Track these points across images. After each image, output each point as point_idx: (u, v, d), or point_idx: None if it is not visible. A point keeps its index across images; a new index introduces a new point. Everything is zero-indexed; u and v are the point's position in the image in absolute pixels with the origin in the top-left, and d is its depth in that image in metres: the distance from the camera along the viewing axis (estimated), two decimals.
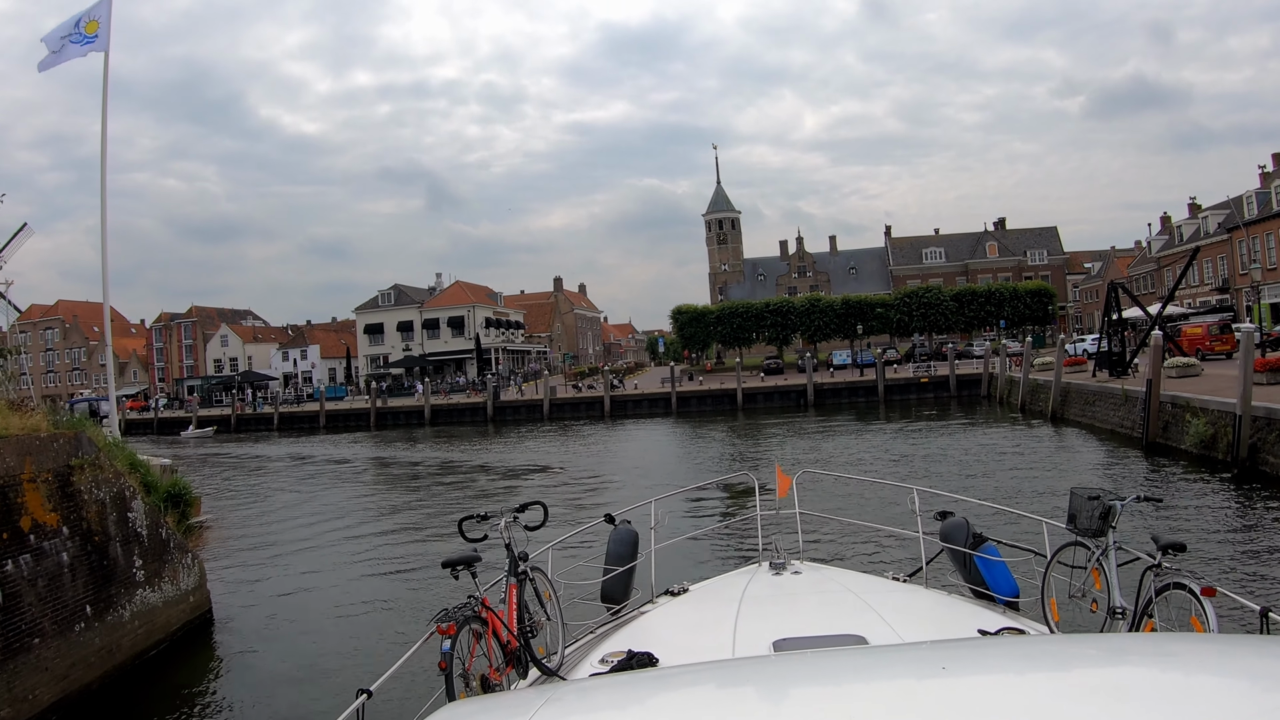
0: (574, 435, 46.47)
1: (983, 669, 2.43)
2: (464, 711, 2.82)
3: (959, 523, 6.31)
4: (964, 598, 5.95)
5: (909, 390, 54.71)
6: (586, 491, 26.00)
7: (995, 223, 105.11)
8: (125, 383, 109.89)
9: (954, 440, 31.56)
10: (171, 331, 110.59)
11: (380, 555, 18.47)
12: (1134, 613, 4.83)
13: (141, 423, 77.65)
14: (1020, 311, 77.58)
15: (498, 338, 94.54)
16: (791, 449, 32.75)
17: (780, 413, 51.23)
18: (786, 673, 2.59)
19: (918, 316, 77.86)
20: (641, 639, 4.86)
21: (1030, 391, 39.74)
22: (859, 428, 39.64)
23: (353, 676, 9.71)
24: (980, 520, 7.02)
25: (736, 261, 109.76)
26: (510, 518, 5.24)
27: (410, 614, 13.47)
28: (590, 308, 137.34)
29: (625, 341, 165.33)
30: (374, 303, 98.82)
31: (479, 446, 43.72)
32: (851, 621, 4.52)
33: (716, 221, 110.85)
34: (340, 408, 71.90)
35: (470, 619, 4.45)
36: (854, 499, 20.53)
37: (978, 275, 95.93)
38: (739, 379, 57.76)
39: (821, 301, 79.47)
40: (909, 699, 2.19)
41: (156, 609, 11.93)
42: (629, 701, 2.53)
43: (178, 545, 12.93)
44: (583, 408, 60.62)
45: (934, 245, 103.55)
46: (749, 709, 2.30)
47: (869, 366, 60.75)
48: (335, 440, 54.88)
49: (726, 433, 42.79)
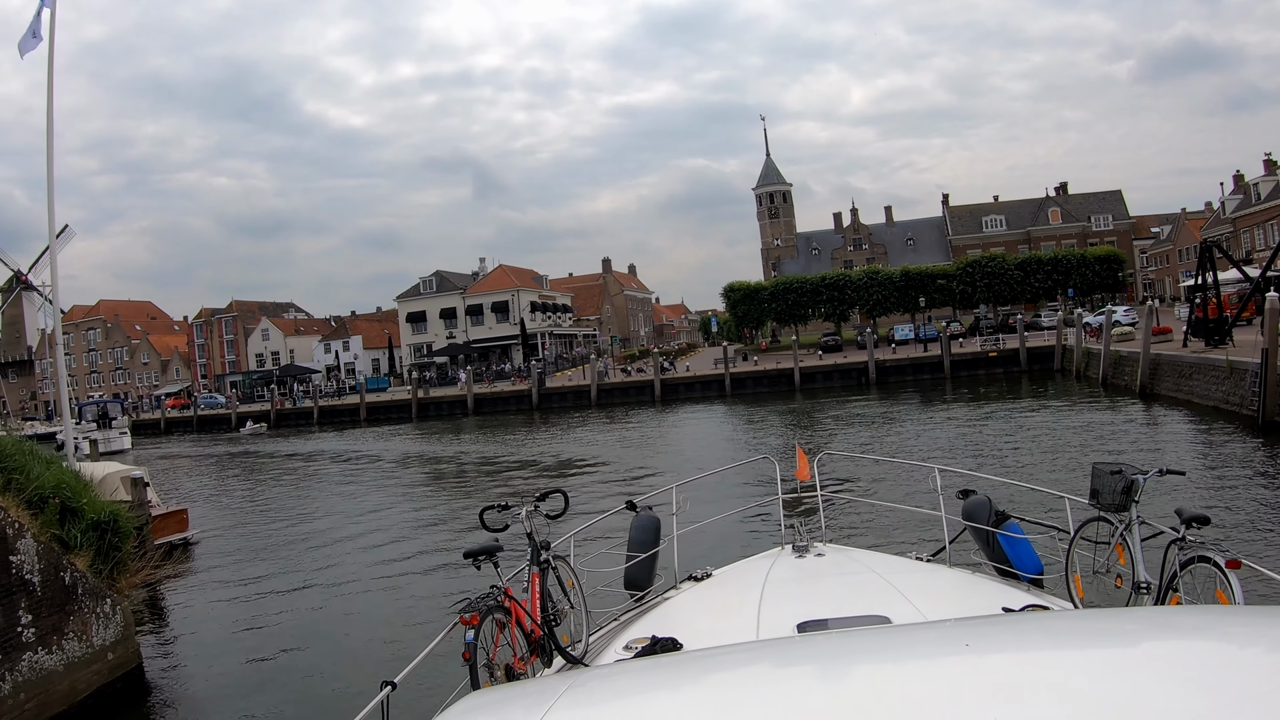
0: (621, 423, 44.55)
1: (1008, 646, 2.38)
2: (487, 700, 2.79)
3: (981, 501, 6.26)
4: (988, 576, 5.80)
5: (976, 365, 51.51)
6: (623, 481, 24.70)
7: (1057, 188, 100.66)
8: (168, 380, 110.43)
9: (1033, 420, 28.74)
10: (212, 327, 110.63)
11: (399, 551, 18.36)
12: (1159, 587, 4.79)
13: (181, 421, 77.56)
14: (1088, 279, 73.61)
15: (544, 322, 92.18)
16: (854, 434, 30.31)
17: (841, 393, 48.56)
18: (811, 654, 2.63)
19: (981, 287, 74.13)
20: (665, 625, 4.85)
21: (1112, 364, 36.63)
22: (927, 408, 36.98)
23: (376, 668, 9.68)
24: (1002, 498, 6.95)
25: (789, 236, 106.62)
26: (531, 507, 5.17)
27: (433, 606, 13.49)
28: (641, 288, 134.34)
29: (678, 322, 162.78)
30: (416, 290, 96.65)
31: (520, 437, 42.15)
32: (875, 602, 4.52)
33: (767, 195, 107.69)
34: (381, 399, 70.84)
35: (493, 609, 4.36)
36: (875, 479, 20.53)
37: (1040, 243, 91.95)
38: (795, 358, 55.31)
39: (880, 274, 76.25)
40: (934, 677, 2.14)
41: (55, 674, 9.81)
42: (653, 686, 2.51)
43: (90, 591, 10.73)
44: (632, 392, 58.65)
45: (994, 213, 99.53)
46: (774, 691, 2.27)
47: (933, 341, 57.90)
48: (375, 433, 53.96)
49: (783, 416, 40.39)
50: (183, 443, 62.77)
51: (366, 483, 30.48)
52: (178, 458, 50.48)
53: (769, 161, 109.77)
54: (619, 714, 2.29)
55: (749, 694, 2.25)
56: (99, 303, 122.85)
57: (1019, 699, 1.89)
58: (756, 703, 2.14)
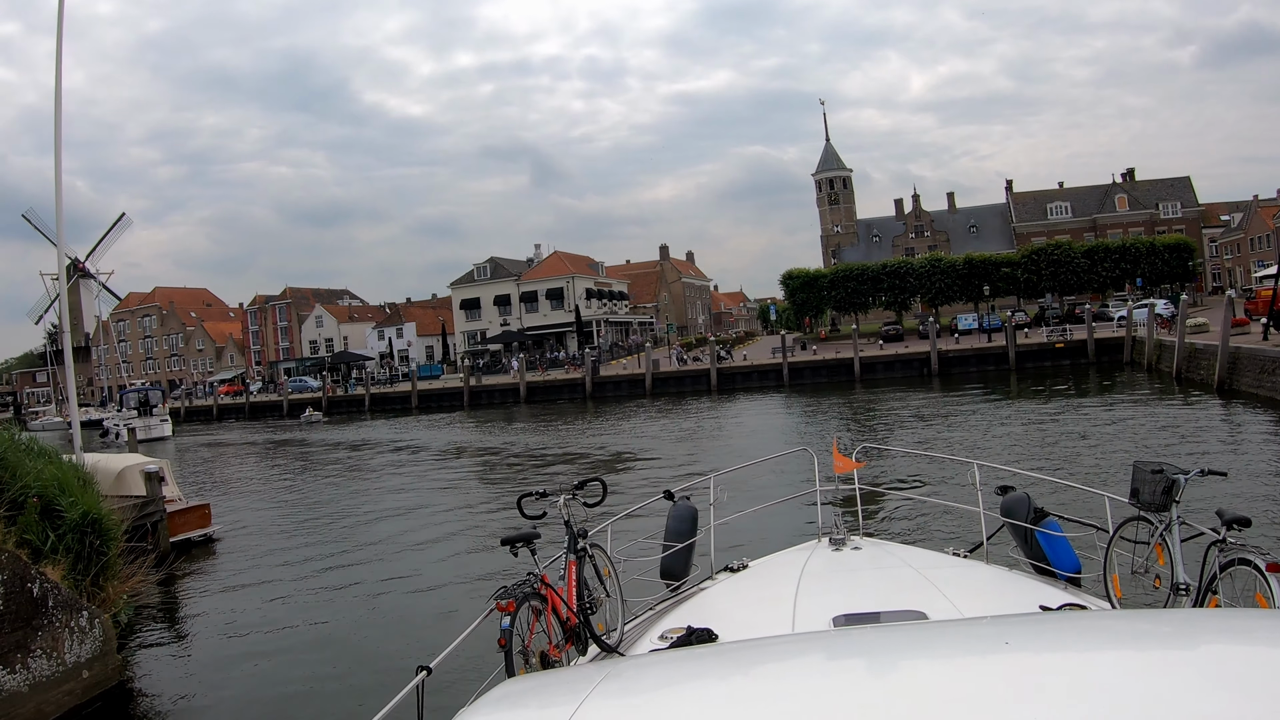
0: (675, 413, 44.14)
1: (1047, 645, 2.38)
2: (523, 687, 2.81)
3: (1020, 497, 6.20)
4: (1025, 573, 5.76)
5: (1042, 357, 50.16)
6: (667, 471, 24.41)
7: (1123, 174, 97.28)
8: (222, 366, 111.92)
9: (1100, 416, 27.71)
10: (266, 314, 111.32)
11: (436, 537, 18.41)
12: (1198, 589, 4.68)
13: (234, 407, 78.53)
14: (1157, 268, 71.14)
15: (599, 309, 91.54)
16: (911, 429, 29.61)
17: (902, 384, 47.69)
18: (847, 648, 2.60)
19: (1046, 275, 72.09)
20: (701, 615, 4.90)
21: (1186, 357, 35.38)
22: (991, 402, 35.98)
23: (412, 654, 9.52)
24: (1041, 495, 6.91)
25: (849, 223, 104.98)
26: (569, 494, 5.19)
27: (469, 592, 13.44)
28: (699, 276, 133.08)
29: (736, 310, 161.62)
30: (470, 277, 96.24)
31: (571, 427, 41.91)
32: (911, 597, 4.49)
33: (827, 181, 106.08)
34: (433, 387, 70.85)
35: (529, 596, 4.40)
36: (914, 473, 20.46)
37: (1106, 230, 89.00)
38: (855, 347, 54.30)
39: (943, 261, 74.65)
40: (972, 674, 2.15)
41: (18, 696, 9.03)
42: (688, 677, 2.52)
43: (62, 603, 9.88)
44: (688, 381, 58.13)
45: (1059, 199, 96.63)
46: (810, 684, 2.28)
47: (997, 331, 56.42)
48: (425, 421, 54.05)
49: (841, 408, 39.63)
50: (232, 430, 63.35)
51: (409, 472, 30.29)
52: (223, 445, 50.91)
53: (829, 147, 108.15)
54: (656, 704, 2.32)
55: (787, 687, 2.25)
56: (154, 290, 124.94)
57: (1059, 699, 1.88)
58: (794, 696, 2.14)
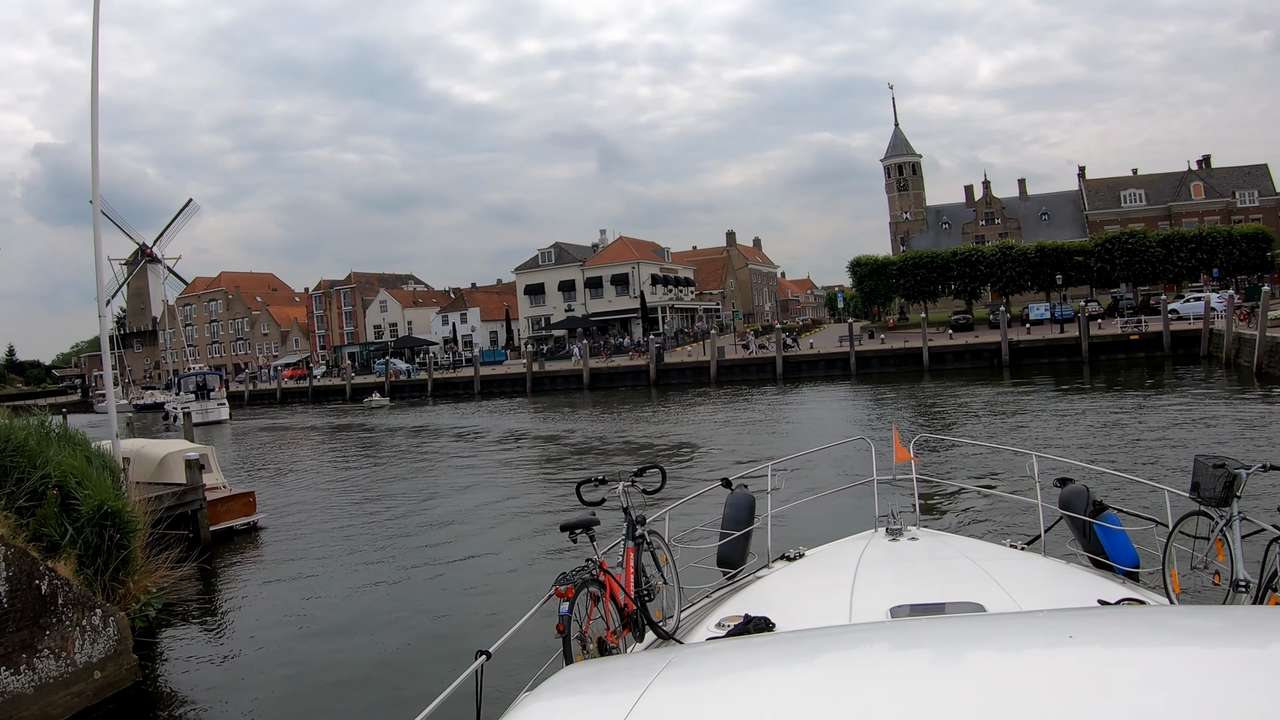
0: (739, 401, 44.22)
1: (1111, 640, 2.37)
2: (585, 673, 2.83)
3: (1079, 490, 6.14)
4: (1083, 567, 5.74)
5: (1116, 349, 49.09)
6: (727, 459, 24.58)
7: (1199, 161, 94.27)
8: (287, 351, 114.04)
9: (1176, 412, 27.13)
10: (331, 299, 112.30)
11: (496, 524, 18.55)
12: (1258, 586, 4.67)
13: (297, 391, 79.93)
14: (1234, 258, 69.03)
15: (665, 295, 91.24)
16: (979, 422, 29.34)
17: (971, 375, 47.20)
18: (906, 639, 2.62)
19: (1120, 265, 70.32)
20: (758, 604, 4.88)
21: (1269, 351, 34.72)
22: (1063, 396, 35.43)
23: (472, 639, 9.56)
24: (1101, 487, 6.86)
25: (918, 209, 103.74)
26: (628, 482, 5.23)
27: (528, 578, 13.53)
28: (766, 262, 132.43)
29: (803, 298, 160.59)
30: (534, 262, 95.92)
31: (633, 414, 42.07)
32: (969, 589, 4.49)
33: (896, 167, 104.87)
34: (496, 373, 71.13)
35: (588, 582, 4.43)
36: (972, 464, 20.45)
37: (1181, 219, 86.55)
38: (924, 336, 53.90)
39: (1014, 249, 73.23)
40: (1034, 668, 2.15)
41: (21, 698, 8.75)
42: (749, 665, 2.55)
43: (73, 601, 9.48)
44: (753, 369, 58.10)
45: (1132, 186, 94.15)
46: (869, 674, 2.29)
47: (1069, 321, 55.48)
48: (488, 407, 54.55)
49: (907, 400, 39.39)
50: (294, 414, 64.09)
51: (468, 458, 30.39)
52: (282, 429, 51.45)
53: (897, 131, 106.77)
54: (717, 692, 2.35)
55: (848, 677, 2.28)
56: (220, 274, 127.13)
57: (1122, 693, 1.89)
58: (856, 687, 2.17)
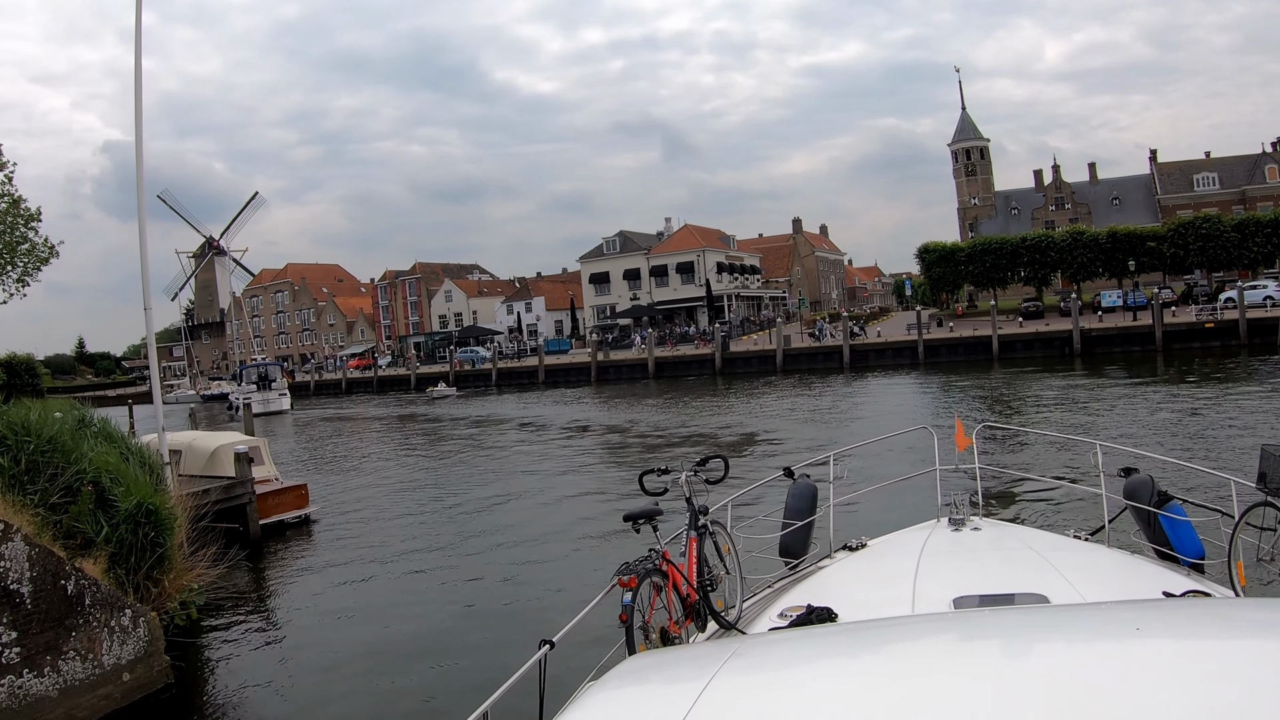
0: (805, 390, 44.30)
1: (1179, 632, 2.34)
2: (651, 662, 2.88)
3: (1143, 480, 6.07)
4: (1147, 558, 5.66)
5: (1191, 337, 48.16)
6: (791, 448, 24.78)
7: (1274, 142, 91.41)
8: (353, 341, 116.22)
9: (1249, 401, 26.67)
10: (396, 289, 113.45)
11: (559, 514, 18.76)
12: None
13: (362, 381, 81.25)
14: None
15: (730, 283, 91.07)
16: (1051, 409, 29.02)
17: (1042, 364, 46.64)
18: (970, 630, 2.62)
19: (1194, 250, 68.64)
20: (820, 594, 4.91)
21: None
22: (1138, 387, 34.89)
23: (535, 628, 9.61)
24: (1166, 477, 6.78)
25: (987, 195, 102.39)
26: (691, 471, 5.25)
27: (592, 568, 13.57)
28: (833, 250, 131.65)
29: (870, 285, 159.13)
30: (599, 251, 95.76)
31: (698, 404, 42.07)
32: (1032, 580, 4.49)
33: (964, 151, 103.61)
34: (560, 362, 71.31)
35: (651, 572, 4.47)
36: (1035, 453, 20.45)
37: (1256, 203, 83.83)
38: (994, 324, 53.42)
39: (1085, 235, 72.12)
40: (1102, 660, 2.12)
41: (46, 700, 8.62)
42: (814, 656, 2.57)
43: (101, 601, 9.32)
44: (819, 358, 58.09)
45: (1206, 170, 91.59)
46: (933, 665, 2.28)
47: (1142, 309, 54.57)
48: (552, 396, 54.89)
49: (977, 389, 39.10)
50: (357, 404, 65.11)
51: (531, 448, 30.54)
52: (345, 419, 52.18)
53: (964, 115, 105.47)
54: (783, 682, 2.41)
55: (913, 668, 2.33)
56: (287, 266, 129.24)
57: (1191, 687, 1.90)
58: (921, 677, 2.21)
